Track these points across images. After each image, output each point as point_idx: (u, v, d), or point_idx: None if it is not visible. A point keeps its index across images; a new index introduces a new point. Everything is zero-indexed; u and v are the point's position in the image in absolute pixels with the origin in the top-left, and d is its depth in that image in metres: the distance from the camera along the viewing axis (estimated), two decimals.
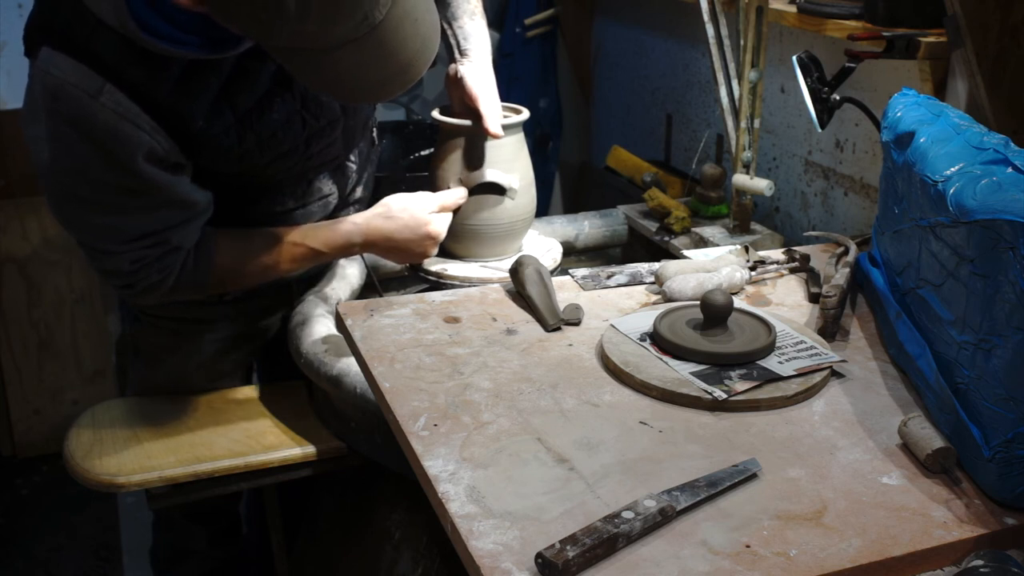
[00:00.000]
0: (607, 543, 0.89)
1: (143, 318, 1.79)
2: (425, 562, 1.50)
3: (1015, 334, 0.96)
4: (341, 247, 1.66)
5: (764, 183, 1.92)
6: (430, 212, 1.66)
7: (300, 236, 1.62)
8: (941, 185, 1.10)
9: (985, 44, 1.50)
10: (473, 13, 1.74)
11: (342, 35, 1.14)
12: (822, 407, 1.16)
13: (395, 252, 1.69)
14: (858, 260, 1.46)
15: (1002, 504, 0.99)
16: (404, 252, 1.68)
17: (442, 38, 1.63)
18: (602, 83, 3.09)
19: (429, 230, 1.65)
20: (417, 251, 1.68)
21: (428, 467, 1.03)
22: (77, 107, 1.34)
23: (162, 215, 1.46)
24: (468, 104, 1.68)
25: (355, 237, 1.65)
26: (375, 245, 1.67)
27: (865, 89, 1.88)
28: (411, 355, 1.26)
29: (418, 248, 1.67)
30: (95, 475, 1.60)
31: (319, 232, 1.64)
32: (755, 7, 1.85)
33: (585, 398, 1.17)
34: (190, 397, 1.79)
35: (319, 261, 1.68)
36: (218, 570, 1.96)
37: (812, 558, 0.90)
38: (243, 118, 1.45)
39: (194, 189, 1.49)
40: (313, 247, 1.63)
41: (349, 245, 1.66)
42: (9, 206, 2.83)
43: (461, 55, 1.71)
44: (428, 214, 1.66)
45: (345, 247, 1.66)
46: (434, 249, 1.69)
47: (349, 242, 1.65)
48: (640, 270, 1.53)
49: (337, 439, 1.68)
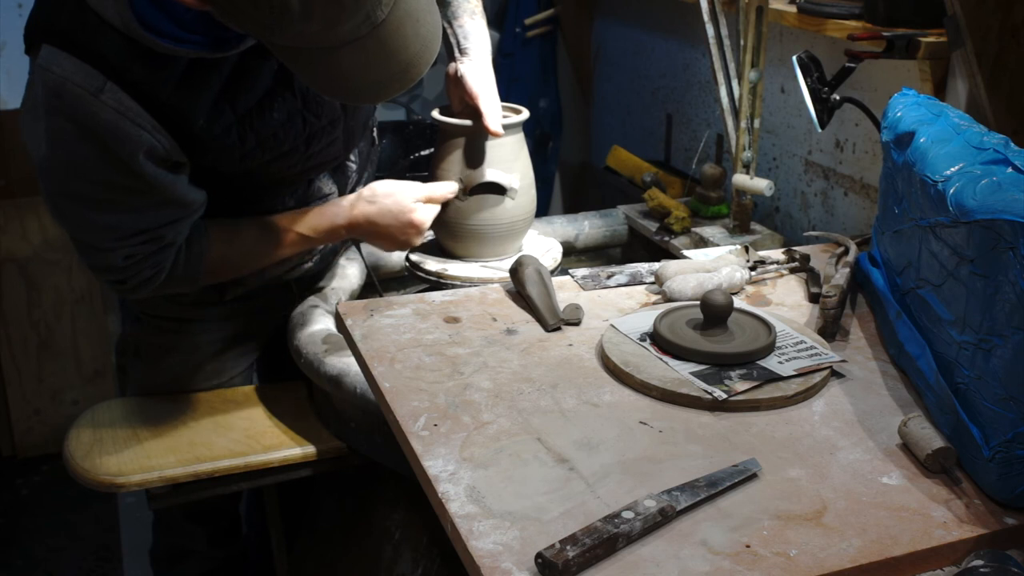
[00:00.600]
0: (607, 543, 0.89)
1: (143, 318, 1.79)
2: (425, 562, 1.50)
3: (1015, 334, 0.96)
4: (327, 230, 1.66)
5: (764, 183, 1.92)
6: (416, 200, 1.65)
7: (288, 222, 1.63)
8: (941, 185, 1.10)
9: (985, 44, 1.50)
10: (473, 12, 1.74)
11: (344, 34, 1.15)
12: (822, 407, 1.16)
13: (377, 237, 1.68)
14: (858, 260, 1.46)
15: (1002, 504, 0.99)
16: (386, 238, 1.67)
17: (442, 37, 1.63)
18: (602, 83, 3.09)
19: (412, 218, 1.65)
20: (400, 238, 1.67)
21: (428, 467, 1.03)
22: (79, 105, 1.34)
23: (159, 214, 1.46)
24: (468, 103, 1.68)
25: (339, 219, 1.65)
26: (358, 227, 1.66)
27: (865, 89, 1.88)
28: (411, 355, 1.26)
29: (400, 235, 1.66)
30: (95, 475, 1.60)
31: (307, 217, 1.64)
32: (755, 7, 1.85)
33: (585, 398, 1.17)
34: (190, 397, 1.79)
35: (309, 245, 1.68)
36: (218, 570, 1.96)
37: (812, 558, 0.90)
38: (244, 117, 1.45)
39: (191, 189, 1.49)
40: (302, 232, 1.63)
41: (335, 227, 1.66)
42: (9, 206, 2.83)
43: (461, 54, 1.71)
44: (413, 202, 1.65)
45: (331, 230, 1.66)
46: (418, 239, 1.68)
47: (334, 224, 1.65)
48: (640, 270, 1.53)
49: (337, 439, 1.68)
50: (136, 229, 1.46)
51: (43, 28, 1.37)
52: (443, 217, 1.72)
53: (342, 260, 1.94)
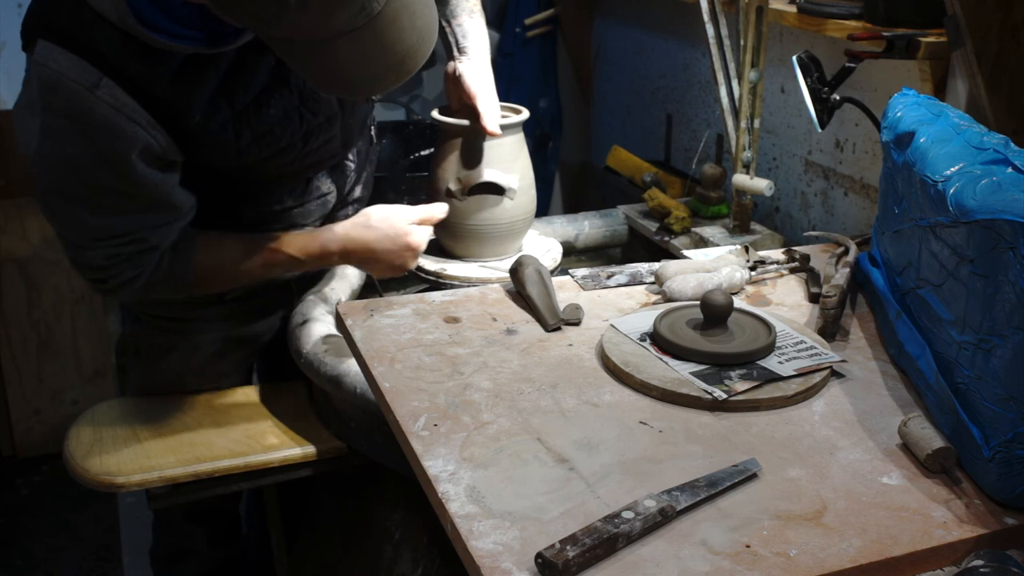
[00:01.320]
0: (607, 543, 0.89)
1: (143, 318, 1.79)
2: (425, 562, 1.50)
3: (1015, 334, 0.96)
4: (318, 255, 1.63)
5: (764, 183, 1.92)
6: (411, 223, 1.64)
7: (278, 243, 1.60)
8: (941, 185, 1.10)
9: (985, 44, 1.50)
10: (472, 11, 1.74)
11: (340, 25, 1.15)
12: (822, 407, 1.16)
13: (374, 263, 1.66)
14: (858, 260, 1.46)
15: (1002, 504, 0.99)
16: (383, 263, 1.65)
17: (441, 36, 1.63)
18: (602, 83, 3.09)
19: (409, 241, 1.62)
20: (397, 263, 1.65)
21: (428, 467, 1.03)
22: (74, 101, 1.33)
23: (146, 216, 1.46)
24: (466, 102, 1.68)
25: (332, 246, 1.62)
26: (353, 254, 1.64)
27: (865, 89, 1.88)
28: (411, 355, 1.26)
29: (398, 260, 1.64)
30: (95, 475, 1.60)
31: (297, 239, 1.62)
32: (755, 7, 1.85)
33: (585, 398, 1.17)
34: (190, 397, 1.79)
35: (296, 268, 1.66)
36: (218, 570, 1.96)
37: (812, 558, 0.90)
38: (240, 113, 1.45)
39: (181, 192, 1.48)
40: (290, 253, 1.60)
41: (326, 253, 1.63)
42: (9, 206, 2.83)
43: (460, 53, 1.71)
44: (408, 225, 1.63)
45: (322, 255, 1.63)
46: (414, 262, 1.67)
47: (326, 250, 1.62)
48: (640, 270, 1.53)
49: (337, 439, 1.68)
50: (122, 230, 1.45)
51: (40, 24, 1.37)
52: (446, 217, 1.72)
53: None
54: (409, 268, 1.68)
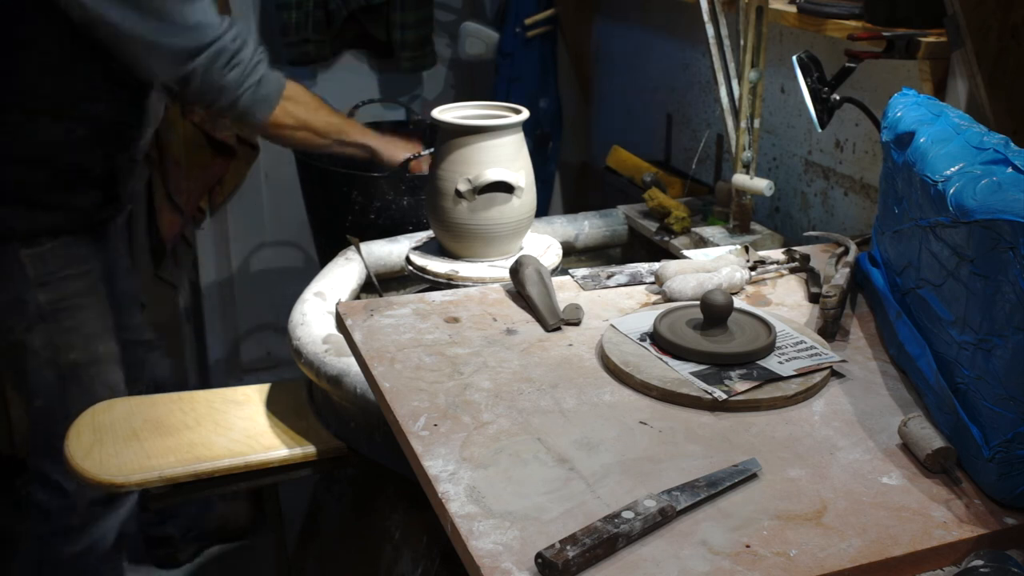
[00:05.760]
0: (607, 543, 0.89)
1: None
2: (425, 562, 1.50)
3: (1015, 334, 0.96)
4: (360, 130, 2.12)
5: (764, 183, 1.92)
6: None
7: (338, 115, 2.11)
8: (941, 185, 1.10)
9: (985, 44, 1.50)
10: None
11: None
12: (822, 407, 1.16)
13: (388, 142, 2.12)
14: (858, 260, 1.46)
15: (1002, 504, 0.99)
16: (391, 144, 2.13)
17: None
18: (602, 83, 3.09)
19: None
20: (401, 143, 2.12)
21: (428, 467, 1.03)
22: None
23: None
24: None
25: (366, 136, 2.11)
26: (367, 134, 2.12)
27: (865, 89, 1.88)
28: (411, 355, 1.26)
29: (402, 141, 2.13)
30: (95, 475, 1.60)
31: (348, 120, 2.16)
32: (755, 7, 1.85)
33: (585, 398, 1.17)
34: (190, 397, 1.80)
35: (344, 135, 2.07)
36: (217, 569, 1.96)
37: (812, 558, 0.90)
38: None
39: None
40: (345, 120, 2.11)
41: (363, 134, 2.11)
42: None
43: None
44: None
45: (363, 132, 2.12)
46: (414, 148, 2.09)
47: (364, 133, 2.12)
48: (640, 270, 1.53)
49: (337, 439, 1.68)
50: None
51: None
52: (450, 218, 1.72)
53: (340, 260, 1.94)
54: (411, 150, 2.10)
